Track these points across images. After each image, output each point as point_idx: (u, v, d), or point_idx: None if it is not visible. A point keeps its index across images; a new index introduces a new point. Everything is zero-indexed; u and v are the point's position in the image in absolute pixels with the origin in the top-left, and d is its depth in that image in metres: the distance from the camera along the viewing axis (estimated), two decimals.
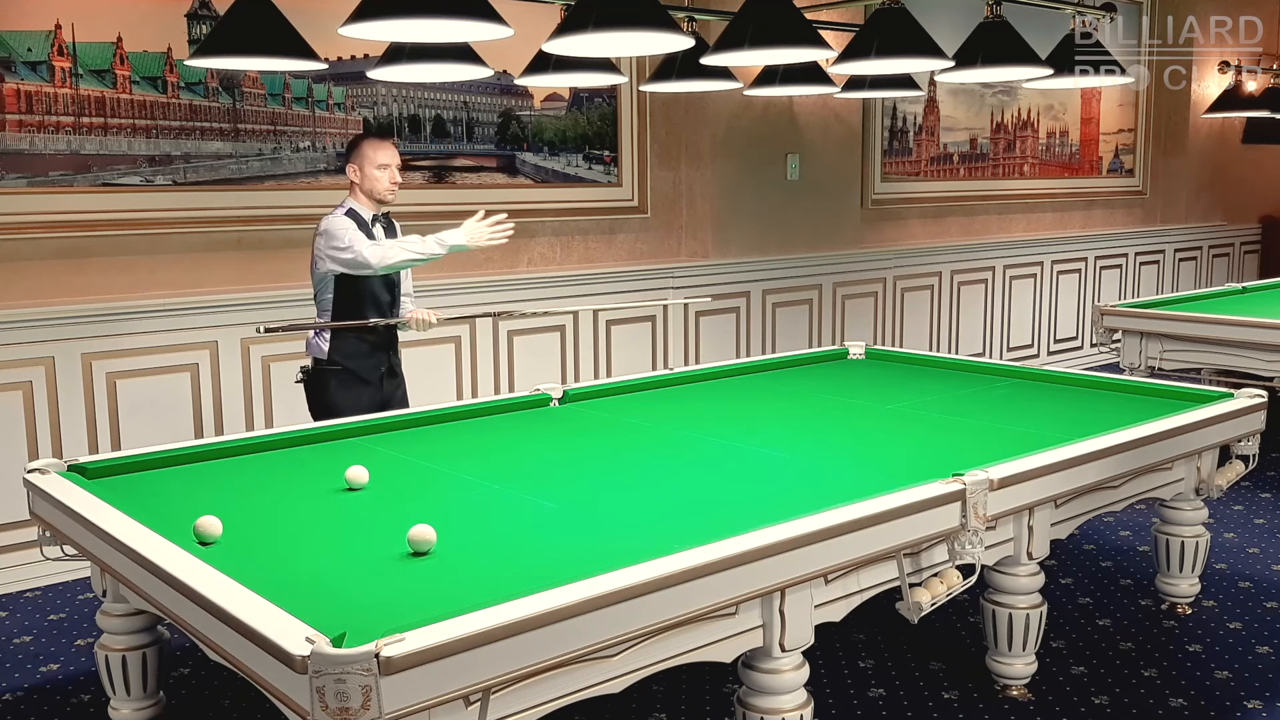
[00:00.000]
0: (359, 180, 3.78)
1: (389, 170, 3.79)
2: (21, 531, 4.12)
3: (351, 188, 3.83)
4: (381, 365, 3.89)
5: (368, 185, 3.78)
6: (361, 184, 3.78)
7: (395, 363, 3.98)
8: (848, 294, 6.88)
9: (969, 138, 7.84)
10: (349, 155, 3.82)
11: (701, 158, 6.15)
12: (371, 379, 3.86)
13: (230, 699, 3.24)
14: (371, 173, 3.77)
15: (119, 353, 4.39)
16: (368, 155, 3.77)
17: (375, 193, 3.79)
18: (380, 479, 2.90)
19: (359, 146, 3.81)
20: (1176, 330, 5.28)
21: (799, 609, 2.40)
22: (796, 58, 3.79)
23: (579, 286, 5.64)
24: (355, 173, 3.78)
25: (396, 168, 3.82)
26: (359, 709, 1.72)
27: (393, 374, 3.96)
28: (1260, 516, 4.84)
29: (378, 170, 3.77)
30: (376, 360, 3.88)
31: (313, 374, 3.87)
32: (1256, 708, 3.13)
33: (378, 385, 3.88)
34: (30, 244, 4.32)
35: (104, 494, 2.68)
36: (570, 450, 3.31)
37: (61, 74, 4.31)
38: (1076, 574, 4.16)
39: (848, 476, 2.94)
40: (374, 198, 3.80)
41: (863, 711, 3.11)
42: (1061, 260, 8.36)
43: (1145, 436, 3.27)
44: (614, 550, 2.21)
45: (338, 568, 2.32)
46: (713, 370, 4.47)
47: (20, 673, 3.50)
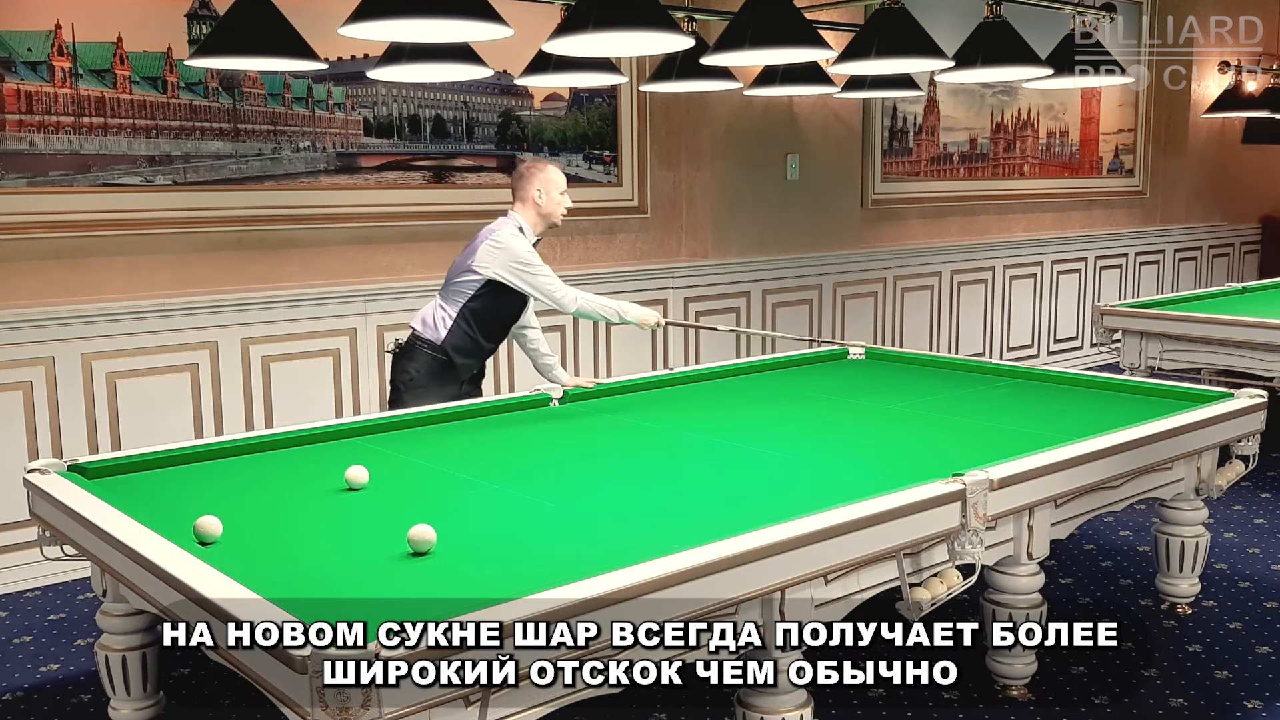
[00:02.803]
0: (543, 202, 3.85)
1: (567, 195, 3.91)
2: (21, 531, 4.11)
3: (524, 206, 3.87)
4: (475, 368, 3.98)
5: (550, 208, 3.87)
6: (544, 205, 3.86)
7: (480, 371, 4.04)
8: (848, 294, 6.88)
9: (969, 138, 7.84)
10: (531, 177, 3.86)
11: (701, 158, 6.15)
12: (464, 377, 3.93)
13: (230, 699, 3.24)
14: (556, 197, 3.88)
15: (119, 353, 4.39)
16: (554, 181, 3.87)
17: (553, 217, 3.90)
18: (380, 479, 2.90)
19: (545, 170, 3.89)
20: (1176, 330, 5.27)
21: (799, 609, 2.40)
22: (796, 58, 3.79)
23: (579, 286, 5.61)
24: (541, 195, 3.85)
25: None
26: (359, 709, 1.72)
27: (475, 380, 4.02)
28: (1260, 516, 4.84)
29: (561, 195, 3.88)
30: (475, 363, 3.96)
31: (411, 350, 3.89)
32: (1256, 708, 3.13)
33: (457, 387, 3.93)
34: (30, 244, 4.32)
35: (104, 494, 2.67)
36: (570, 450, 3.31)
37: (61, 74, 4.31)
38: (1076, 574, 4.16)
39: (848, 476, 2.94)
40: (549, 221, 3.91)
41: (863, 711, 3.11)
42: (1061, 260, 8.36)
43: (1145, 436, 3.27)
44: (614, 550, 2.21)
45: (338, 568, 2.32)
46: (713, 370, 4.47)
47: (20, 673, 3.50)
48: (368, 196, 5.11)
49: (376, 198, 5.14)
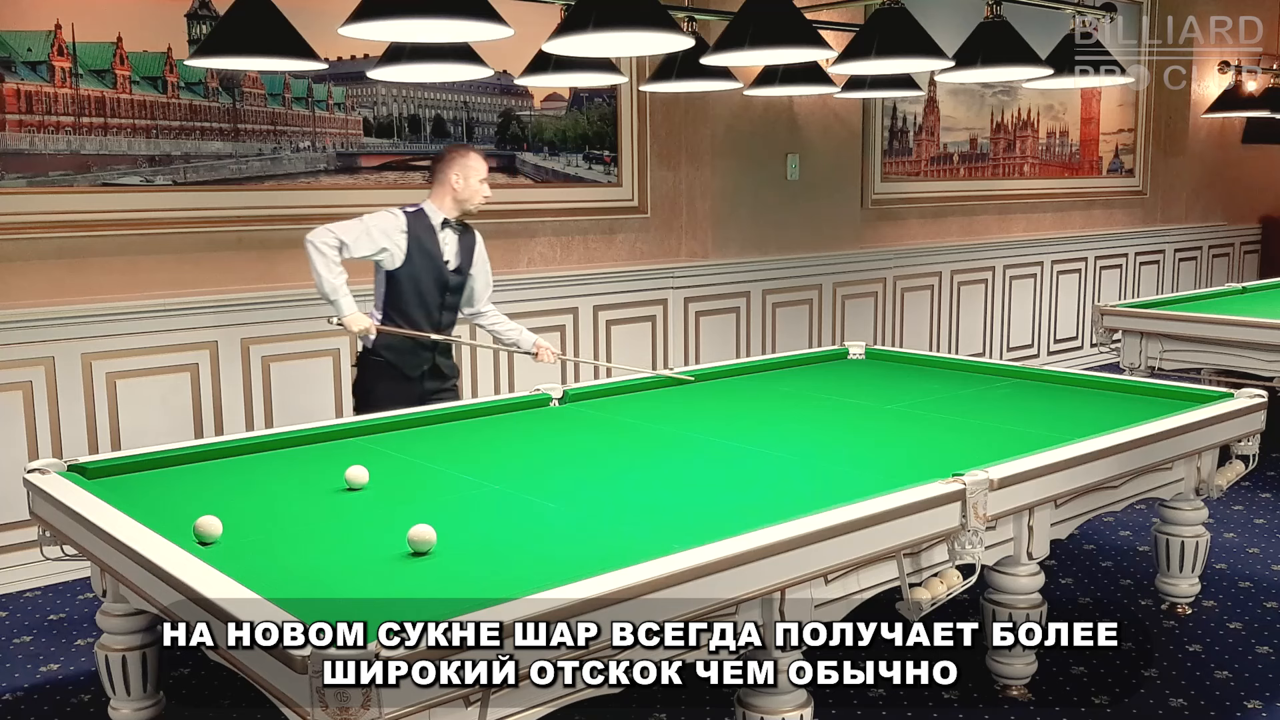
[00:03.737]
0: (460, 187, 3.84)
1: (486, 184, 3.90)
2: (21, 531, 4.11)
3: (438, 192, 3.87)
4: (425, 364, 3.93)
5: (466, 194, 3.86)
6: (462, 192, 3.85)
7: (445, 365, 4.01)
8: (848, 294, 6.88)
9: (969, 138, 7.84)
10: (450, 162, 3.86)
11: (701, 158, 6.15)
12: (413, 374, 3.91)
13: (230, 699, 3.24)
14: (475, 184, 3.86)
15: (119, 353, 4.39)
16: (474, 167, 3.86)
17: (469, 203, 3.88)
18: (380, 479, 2.90)
19: (465, 155, 3.87)
20: (1176, 330, 5.27)
21: (799, 609, 2.40)
22: (796, 58, 3.79)
23: (579, 286, 5.64)
24: (459, 180, 3.84)
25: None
26: (359, 709, 1.72)
27: (439, 375, 3.99)
28: (1260, 516, 4.84)
29: (480, 183, 3.87)
30: (419, 359, 3.92)
31: (361, 363, 3.96)
32: (1256, 708, 3.13)
33: (419, 382, 3.92)
34: (30, 244, 4.32)
35: (104, 494, 2.67)
36: (570, 450, 3.31)
37: (61, 74, 4.31)
38: (1076, 574, 4.16)
39: (848, 476, 2.94)
40: (466, 207, 3.89)
41: (863, 711, 3.11)
42: (1061, 260, 8.35)
43: (1145, 436, 3.27)
44: (614, 550, 2.21)
45: (338, 568, 2.32)
46: (713, 370, 4.47)
47: (20, 673, 3.50)
48: (368, 196, 5.10)
49: (376, 198, 5.13)
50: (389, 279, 3.84)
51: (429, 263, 3.84)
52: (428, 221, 3.85)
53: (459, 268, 3.94)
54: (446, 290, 3.93)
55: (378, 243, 3.77)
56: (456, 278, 3.94)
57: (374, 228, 3.78)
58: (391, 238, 3.78)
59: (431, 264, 3.85)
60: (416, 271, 3.82)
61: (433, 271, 3.86)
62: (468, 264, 3.98)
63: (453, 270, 3.91)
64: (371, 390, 3.91)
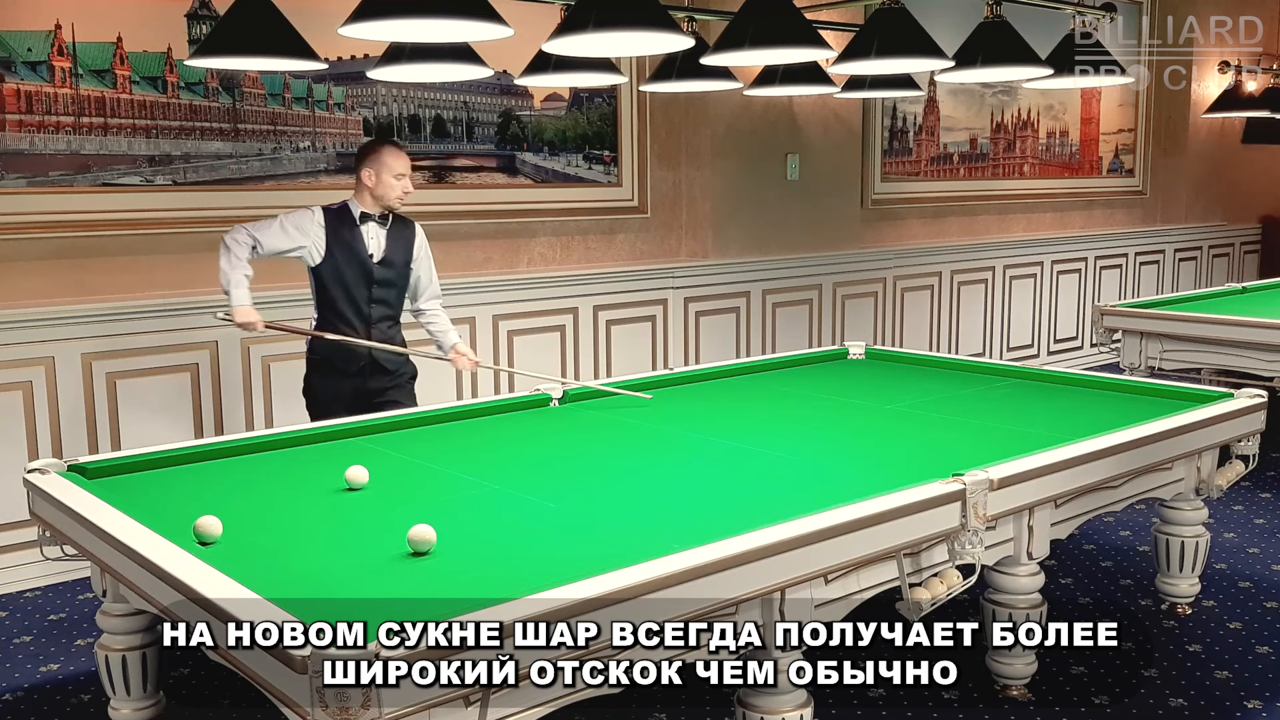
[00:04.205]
0: (373, 185, 3.81)
1: (405, 180, 3.85)
2: (21, 531, 4.11)
3: (358, 188, 3.85)
4: (360, 360, 3.91)
5: (381, 191, 3.82)
6: (375, 188, 3.82)
7: (385, 360, 3.95)
8: (848, 294, 6.88)
9: (969, 138, 7.84)
10: (364, 157, 3.84)
11: (701, 158, 6.15)
12: (348, 370, 3.89)
13: (230, 699, 3.24)
14: (389, 180, 3.81)
15: (119, 353, 4.39)
16: (387, 163, 3.81)
17: (387, 199, 3.84)
18: (380, 479, 2.90)
19: (378, 152, 3.83)
20: (1176, 330, 5.27)
21: (799, 609, 2.40)
22: (796, 58, 3.78)
23: (579, 286, 5.64)
24: (371, 177, 3.81)
25: (410, 178, 3.88)
26: (359, 709, 1.72)
27: (380, 370, 3.95)
28: (1260, 516, 4.84)
29: (395, 179, 3.82)
30: (353, 353, 3.89)
31: (307, 363, 3.97)
32: (1256, 708, 3.13)
33: (358, 376, 3.90)
34: (30, 244, 4.32)
35: (104, 494, 2.67)
36: (570, 450, 3.31)
37: (61, 74, 4.31)
38: (1076, 574, 4.16)
39: (848, 476, 2.94)
40: (384, 204, 3.85)
41: (863, 712, 3.11)
42: (1061, 260, 8.36)
43: (1145, 436, 3.27)
44: (614, 550, 2.21)
45: (338, 568, 2.32)
46: (713, 370, 4.47)
47: (20, 673, 3.50)
48: None
49: None
50: (314, 276, 3.86)
51: (350, 256, 3.83)
52: (349, 216, 3.85)
53: (386, 260, 3.89)
54: (373, 283, 3.89)
55: (293, 239, 3.79)
56: (383, 270, 3.89)
57: (289, 224, 3.80)
58: (307, 233, 3.80)
59: (353, 257, 3.83)
60: (339, 265, 3.82)
61: (355, 265, 3.84)
62: (401, 256, 3.93)
63: (377, 262, 3.87)
64: (314, 388, 3.94)
